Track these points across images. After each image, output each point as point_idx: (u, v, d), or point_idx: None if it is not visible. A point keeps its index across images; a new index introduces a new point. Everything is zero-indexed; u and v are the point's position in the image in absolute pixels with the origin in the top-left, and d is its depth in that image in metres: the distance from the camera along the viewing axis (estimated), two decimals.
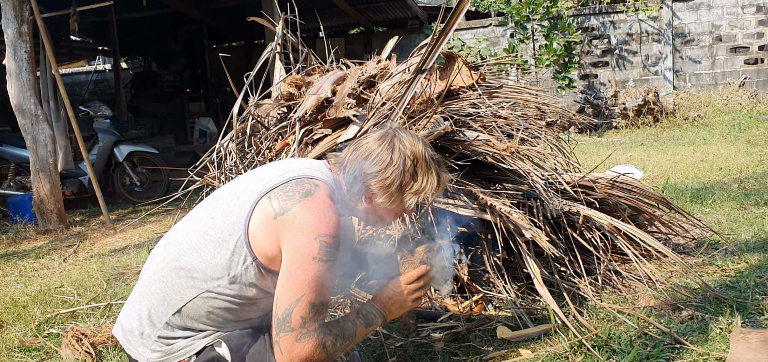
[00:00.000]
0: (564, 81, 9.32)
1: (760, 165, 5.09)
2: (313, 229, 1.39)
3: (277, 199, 1.44)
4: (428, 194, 1.52)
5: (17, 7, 4.77)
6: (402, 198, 1.52)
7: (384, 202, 1.53)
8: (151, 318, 1.50)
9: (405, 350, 2.18)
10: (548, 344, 2.13)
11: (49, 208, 5.01)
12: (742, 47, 9.95)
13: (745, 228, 3.29)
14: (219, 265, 1.46)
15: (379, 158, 1.51)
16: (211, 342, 1.51)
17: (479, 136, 2.64)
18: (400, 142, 1.52)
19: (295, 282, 1.39)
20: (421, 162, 1.52)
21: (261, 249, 1.44)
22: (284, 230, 1.41)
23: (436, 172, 1.54)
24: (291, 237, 1.40)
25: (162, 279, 1.51)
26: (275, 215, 1.42)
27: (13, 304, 3.08)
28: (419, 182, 1.51)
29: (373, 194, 1.53)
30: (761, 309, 2.24)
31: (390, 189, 1.51)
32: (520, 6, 9.31)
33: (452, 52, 2.93)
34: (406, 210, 1.58)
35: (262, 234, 1.43)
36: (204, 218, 1.52)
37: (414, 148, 1.52)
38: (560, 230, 2.65)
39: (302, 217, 1.40)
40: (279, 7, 3.46)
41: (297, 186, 1.45)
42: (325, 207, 1.42)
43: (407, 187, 1.51)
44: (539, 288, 2.31)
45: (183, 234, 1.54)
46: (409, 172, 1.50)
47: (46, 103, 5.47)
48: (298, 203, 1.42)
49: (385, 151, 1.51)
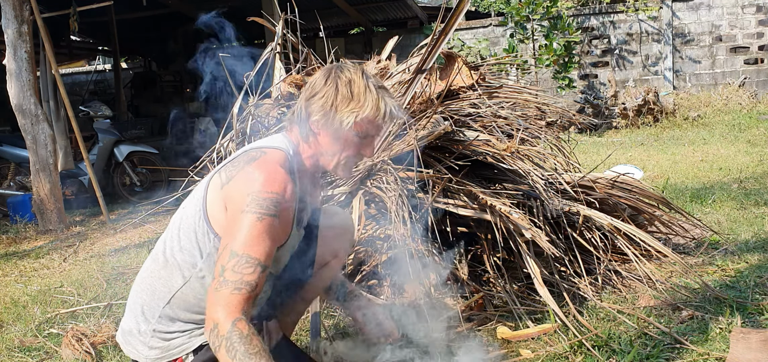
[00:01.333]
0: (564, 81, 9.32)
1: (760, 165, 5.09)
2: (249, 188, 1.37)
3: (225, 171, 1.46)
4: (369, 114, 1.48)
5: (17, 7, 4.77)
6: (340, 117, 1.48)
7: (324, 125, 1.51)
8: (145, 314, 1.54)
9: (405, 350, 2.17)
10: (548, 344, 2.13)
11: (49, 208, 5.01)
12: (742, 47, 9.94)
13: (745, 228, 3.29)
14: (193, 250, 1.49)
15: (317, 86, 1.52)
16: (206, 341, 1.50)
17: (479, 136, 2.64)
18: (338, 69, 1.53)
19: (228, 232, 1.37)
20: (357, 83, 1.50)
21: (218, 223, 1.45)
22: (228, 195, 1.42)
23: (377, 93, 1.51)
24: (232, 201, 1.40)
25: (151, 275, 1.55)
26: (222, 185, 1.44)
27: (13, 304, 3.08)
28: (356, 101, 1.48)
29: (315, 122, 1.51)
30: (761, 309, 2.24)
31: (326, 108, 1.49)
32: (520, 6, 9.31)
33: (452, 52, 2.93)
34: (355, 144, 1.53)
35: (216, 208, 1.45)
36: (179, 211, 1.58)
37: (351, 74, 1.51)
38: (560, 230, 2.65)
39: (243, 180, 1.40)
40: (279, 7, 3.46)
41: (244, 155, 1.47)
42: (269, 168, 1.41)
43: (342, 105, 1.48)
44: (539, 288, 2.31)
45: (167, 228, 1.59)
46: (344, 92, 1.49)
47: (46, 103, 5.47)
48: (241, 170, 1.42)
49: (322, 79, 1.52)
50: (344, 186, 2.56)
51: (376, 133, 1.56)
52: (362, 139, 1.54)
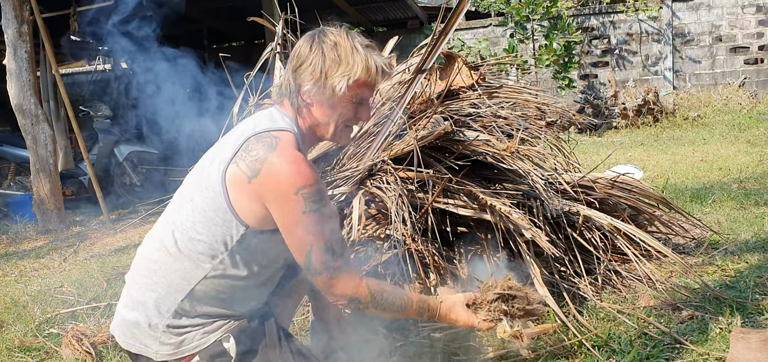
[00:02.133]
0: (564, 81, 9.32)
1: (760, 165, 5.09)
2: (290, 186, 1.38)
3: (244, 162, 1.42)
4: (361, 75, 1.46)
5: (17, 7, 4.77)
6: (332, 83, 1.46)
7: (316, 94, 1.49)
8: (159, 308, 1.49)
9: (405, 350, 2.18)
10: (548, 344, 2.13)
11: (49, 208, 5.01)
12: (742, 47, 9.94)
13: (745, 228, 3.29)
14: (214, 243, 1.46)
15: (302, 55, 1.49)
16: (220, 336, 1.50)
17: (479, 136, 2.64)
18: (321, 34, 1.50)
19: (298, 239, 1.42)
20: (343, 45, 1.47)
21: (249, 216, 1.44)
22: (263, 192, 1.40)
23: (365, 53, 1.48)
24: (273, 200, 1.40)
25: (163, 268, 1.50)
26: (249, 179, 1.41)
27: (14, 304, 3.08)
28: (345, 63, 1.46)
29: (307, 93, 1.49)
30: (761, 309, 2.24)
31: (316, 76, 1.47)
32: (520, 6, 9.31)
33: (452, 52, 2.93)
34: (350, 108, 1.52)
35: (245, 202, 1.43)
36: (184, 203, 1.52)
37: (336, 36, 1.49)
38: (560, 230, 2.65)
39: (275, 177, 1.39)
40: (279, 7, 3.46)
41: (257, 142, 1.43)
42: (293, 158, 1.40)
43: (332, 71, 1.46)
44: (539, 288, 2.31)
45: (170, 222, 1.53)
46: (331, 56, 1.46)
47: (46, 103, 5.47)
48: (265, 162, 1.40)
49: (307, 46, 1.49)
50: (344, 187, 2.56)
51: (370, 94, 1.54)
52: (357, 102, 1.52)
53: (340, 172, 2.63)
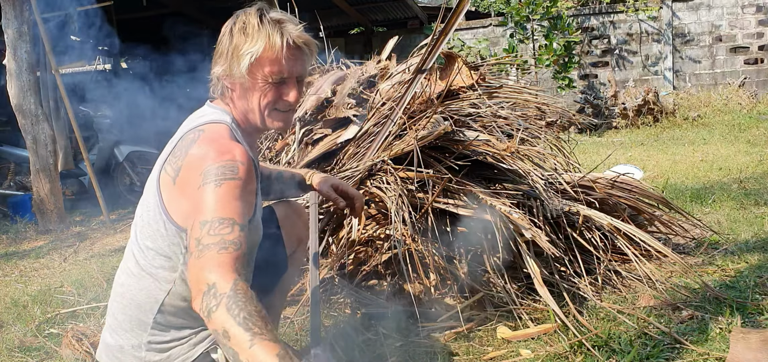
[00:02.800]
0: (564, 81, 9.32)
1: (760, 165, 5.09)
2: (199, 166, 1.29)
3: (170, 165, 1.39)
4: (264, 51, 1.40)
5: (17, 7, 4.77)
6: (239, 61, 1.40)
7: (230, 77, 1.44)
8: (134, 329, 1.46)
9: (405, 350, 2.18)
10: (548, 344, 2.13)
11: (49, 208, 5.01)
12: (742, 47, 9.94)
13: (745, 228, 3.29)
14: (169, 255, 1.42)
15: (219, 41, 1.47)
16: (207, 347, 1.49)
17: (479, 136, 2.64)
18: (236, 17, 1.46)
19: (191, 217, 1.27)
20: (251, 22, 1.42)
21: (183, 219, 1.36)
22: (185, 186, 1.33)
23: (270, 27, 1.41)
24: (187, 185, 1.33)
25: (130, 290, 1.47)
26: (173, 179, 1.37)
27: (14, 304, 3.08)
28: (249, 42, 1.40)
29: (223, 76, 1.45)
30: (761, 309, 2.24)
31: (225, 57, 1.43)
32: (520, 6, 9.31)
33: (452, 52, 2.94)
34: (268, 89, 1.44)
35: (176, 204, 1.37)
36: (136, 219, 1.50)
37: (247, 16, 1.43)
38: (560, 230, 2.65)
39: (193, 163, 1.33)
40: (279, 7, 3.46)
41: (182, 143, 1.40)
42: (214, 140, 1.35)
43: (238, 50, 1.41)
44: (539, 288, 2.31)
45: (130, 241, 1.51)
46: (237, 37, 1.42)
47: (46, 103, 5.47)
48: (185, 157, 1.36)
49: (223, 32, 1.46)
50: None
51: (289, 72, 1.44)
52: (276, 82, 1.43)
53: (340, 171, 2.63)
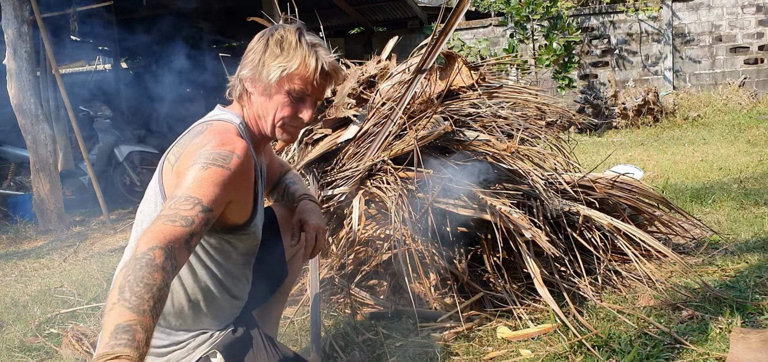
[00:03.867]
0: (564, 81, 9.32)
1: (760, 165, 5.09)
2: (198, 148, 1.32)
3: (173, 154, 1.41)
4: (297, 69, 1.43)
5: (17, 7, 4.77)
6: (268, 71, 1.44)
7: (254, 82, 1.47)
8: None
9: (405, 350, 2.18)
10: (548, 344, 2.13)
11: (49, 208, 5.01)
12: (742, 47, 9.94)
13: (745, 228, 3.29)
14: None
15: (250, 47, 1.50)
16: (207, 351, 1.48)
17: (479, 136, 2.64)
18: (273, 29, 1.49)
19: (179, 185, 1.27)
20: (289, 39, 1.45)
21: None
22: (180, 169, 1.34)
23: (308, 49, 1.45)
24: (183, 167, 1.33)
25: None
26: (173, 165, 1.38)
27: (14, 304, 3.08)
28: (284, 55, 1.44)
29: (246, 78, 1.48)
30: (761, 309, 2.24)
31: (255, 62, 1.46)
32: (520, 6, 9.31)
33: (452, 52, 2.94)
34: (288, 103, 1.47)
35: (173, 191, 1.34)
36: (138, 215, 1.51)
37: (285, 32, 1.47)
38: (560, 230, 2.65)
39: (192, 150, 1.34)
40: (279, 7, 3.46)
41: (188, 134, 1.43)
42: (218, 132, 1.36)
43: (270, 60, 1.44)
44: (539, 288, 2.31)
45: (130, 240, 1.52)
46: (273, 48, 1.45)
47: (46, 103, 5.47)
48: (189, 144, 1.37)
49: (256, 40, 1.49)
50: (344, 187, 2.56)
51: (312, 93, 1.49)
52: (296, 99, 1.47)
53: (340, 172, 2.63)
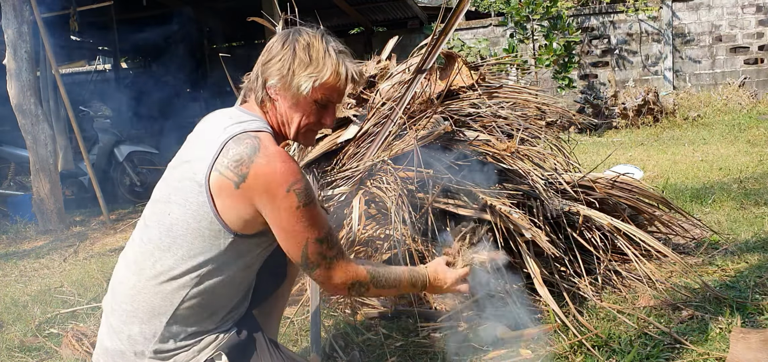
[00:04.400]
0: (564, 81, 9.32)
1: (760, 165, 5.09)
2: (281, 185, 1.36)
3: (228, 170, 1.38)
4: (329, 79, 1.45)
5: (17, 7, 4.77)
6: (298, 82, 1.44)
7: (281, 91, 1.47)
8: (144, 335, 1.43)
9: (405, 350, 2.18)
10: (548, 344, 2.13)
11: (49, 208, 5.01)
12: (742, 47, 9.94)
13: (745, 228, 3.29)
14: (198, 256, 1.41)
15: (274, 50, 1.48)
16: (211, 354, 1.47)
17: (479, 136, 2.64)
18: (296, 33, 1.48)
19: (294, 235, 1.41)
20: (316, 46, 1.46)
21: (237, 222, 1.41)
22: (253, 195, 1.38)
23: (337, 58, 1.47)
24: (266, 202, 1.38)
25: (143, 293, 1.43)
26: (236, 184, 1.37)
27: (14, 304, 3.08)
28: (314, 65, 1.44)
29: (272, 87, 1.48)
30: (761, 309, 2.24)
31: (283, 73, 1.46)
32: (520, 6, 9.31)
33: (452, 52, 2.94)
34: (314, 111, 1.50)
35: (233, 208, 1.39)
36: (161, 218, 1.46)
37: (310, 37, 1.47)
38: (560, 230, 2.65)
39: (265, 177, 1.37)
40: (279, 7, 3.46)
41: (238, 146, 1.39)
42: (278, 156, 1.39)
43: (300, 69, 1.44)
44: (539, 288, 2.31)
45: (146, 241, 1.47)
46: (302, 56, 1.45)
47: (46, 103, 5.47)
48: (251, 165, 1.37)
49: (280, 43, 1.48)
50: (344, 187, 2.56)
51: (337, 100, 1.52)
52: (322, 106, 1.49)
53: (340, 171, 2.63)
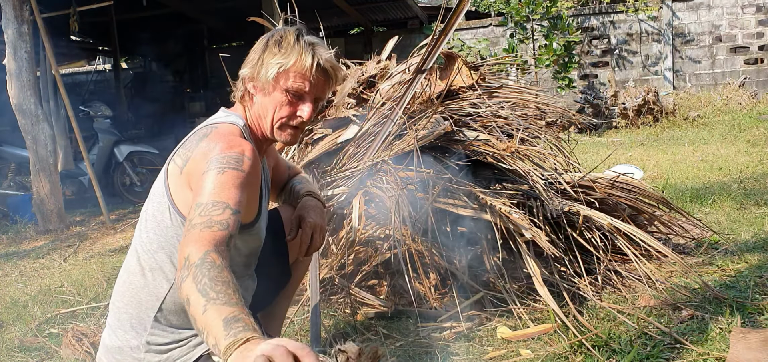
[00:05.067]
0: (564, 81, 9.31)
1: (760, 165, 5.09)
2: (207, 155, 1.34)
3: (179, 156, 1.45)
4: (294, 65, 1.45)
5: (17, 7, 4.77)
6: (266, 68, 1.46)
7: (253, 80, 1.49)
8: (134, 328, 1.48)
9: (405, 350, 2.18)
10: (548, 344, 2.13)
11: (49, 208, 5.01)
12: (742, 47, 9.94)
13: (745, 228, 3.29)
14: (166, 246, 1.45)
15: (253, 49, 1.52)
16: (207, 350, 1.49)
17: (479, 136, 2.64)
18: (275, 31, 1.52)
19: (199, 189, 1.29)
20: (288, 38, 1.48)
21: (187, 208, 1.36)
22: (190, 174, 1.39)
23: (305, 47, 1.47)
24: (193, 175, 1.37)
25: (131, 287, 1.49)
26: (181, 169, 1.42)
27: (13, 304, 3.08)
28: (282, 52, 1.46)
29: (246, 77, 1.51)
30: (761, 309, 2.24)
31: (254, 61, 1.49)
32: (520, 6, 9.31)
33: (452, 52, 2.94)
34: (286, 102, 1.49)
35: (181, 192, 1.42)
36: (143, 215, 1.54)
37: (285, 33, 1.50)
38: (560, 230, 2.65)
39: (200, 154, 1.37)
40: (279, 7, 3.46)
41: (194, 136, 1.47)
42: (224, 135, 1.39)
43: (268, 57, 1.46)
44: (539, 288, 2.31)
45: (134, 238, 1.54)
46: (272, 47, 1.48)
47: (46, 103, 5.47)
48: (196, 147, 1.40)
49: (258, 42, 1.52)
50: (344, 187, 2.56)
51: (309, 90, 1.48)
52: (294, 96, 1.48)
53: (340, 171, 2.63)
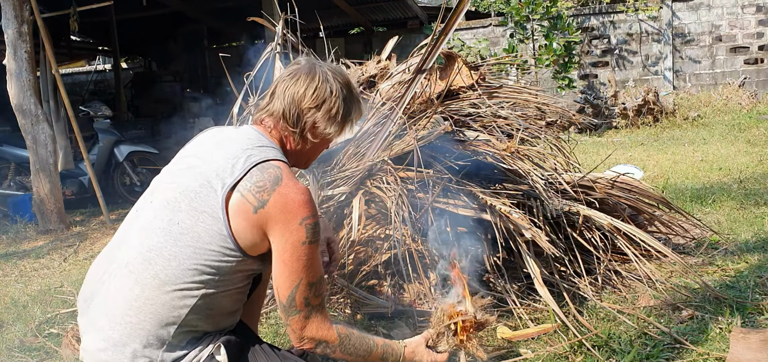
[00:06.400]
0: (564, 81, 9.31)
1: (760, 165, 5.09)
2: (295, 216, 1.43)
3: (250, 194, 1.43)
4: (355, 126, 1.61)
5: (17, 7, 4.77)
6: (331, 126, 1.57)
7: (330, 132, 1.58)
8: (151, 345, 1.42)
9: None
10: (548, 344, 2.13)
11: (49, 208, 5.01)
12: (742, 47, 9.94)
13: (745, 228, 3.29)
14: (206, 269, 1.43)
15: (318, 93, 1.56)
16: (212, 350, 1.49)
17: (479, 136, 2.64)
18: (328, 71, 1.58)
19: (291, 270, 1.44)
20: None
21: (248, 244, 1.45)
22: (268, 222, 1.44)
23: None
24: (277, 230, 1.43)
25: (148, 303, 1.42)
26: (255, 209, 1.43)
27: (13, 304, 3.08)
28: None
29: (317, 128, 1.57)
30: (761, 309, 2.24)
31: (336, 118, 1.57)
32: (520, 6, 9.31)
33: (452, 52, 2.94)
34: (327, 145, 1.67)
35: (247, 231, 1.44)
36: (168, 226, 1.45)
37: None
38: (560, 230, 2.65)
39: (282, 207, 1.43)
40: (279, 7, 3.46)
41: (262, 174, 1.45)
42: (298, 189, 1.46)
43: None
44: (539, 288, 2.31)
45: (148, 248, 1.45)
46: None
47: (46, 103, 5.47)
48: (273, 193, 1.43)
49: (321, 83, 1.56)
50: (344, 187, 2.56)
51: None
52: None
53: (340, 172, 2.63)
